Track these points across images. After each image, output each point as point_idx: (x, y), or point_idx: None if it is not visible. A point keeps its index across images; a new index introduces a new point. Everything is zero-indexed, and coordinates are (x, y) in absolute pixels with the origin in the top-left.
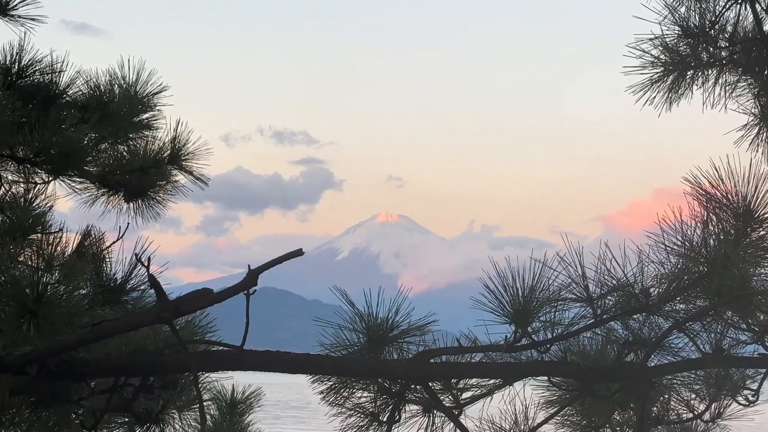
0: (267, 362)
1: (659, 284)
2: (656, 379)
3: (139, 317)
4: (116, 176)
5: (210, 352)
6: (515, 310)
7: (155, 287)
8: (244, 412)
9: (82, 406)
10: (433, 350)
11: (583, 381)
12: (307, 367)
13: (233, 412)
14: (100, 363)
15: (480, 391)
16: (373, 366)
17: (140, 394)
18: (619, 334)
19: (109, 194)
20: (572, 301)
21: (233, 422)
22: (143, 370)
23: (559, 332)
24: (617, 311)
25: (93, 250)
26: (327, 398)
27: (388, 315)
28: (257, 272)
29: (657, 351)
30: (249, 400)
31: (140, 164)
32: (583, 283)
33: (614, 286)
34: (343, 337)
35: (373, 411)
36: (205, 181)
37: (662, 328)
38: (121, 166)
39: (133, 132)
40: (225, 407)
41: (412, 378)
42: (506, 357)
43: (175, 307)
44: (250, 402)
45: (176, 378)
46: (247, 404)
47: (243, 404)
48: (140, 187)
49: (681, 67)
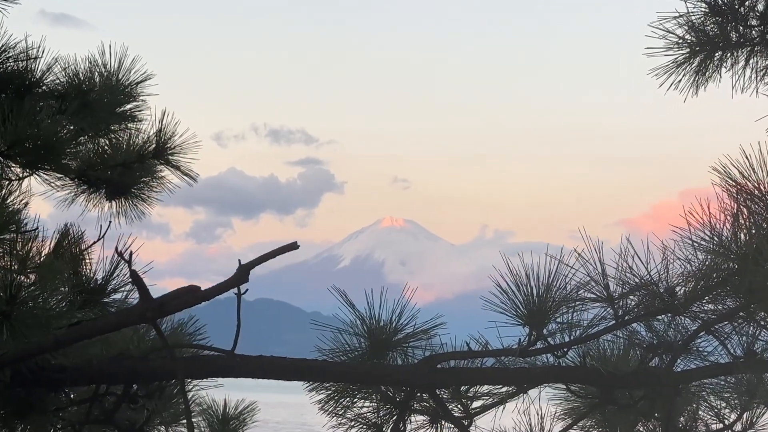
0: (260, 368)
1: (686, 282)
2: (683, 385)
3: (120, 316)
4: (97, 172)
5: (198, 357)
6: (529, 310)
7: (138, 284)
8: (236, 429)
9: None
10: (440, 355)
11: (604, 388)
12: (303, 373)
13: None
14: (78, 369)
15: (491, 400)
16: (375, 372)
17: (123, 403)
18: (643, 337)
19: (90, 192)
20: (591, 301)
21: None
22: (126, 377)
23: (578, 335)
24: (640, 312)
25: (72, 250)
26: (326, 408)
27: (391, 317)
28: (248, 267)
29: (684, 355)
30: (242, 416)
31: (123, 158)
32: (603, 282)
33: (637, 285)
34: (343, 342)
35: (375, 421)
36: (193, 177)
37: (689, 330)
38: (102, 161)
39: (115, 124)
40: (216, 423)
41: (418, 385)
42: (520, 362)
43: (159, 306)
44: (243, 417)
45: (162, 386)
46: (240, 420)
47: (236, 420)
48: (123, 184)
49: (708, 47)
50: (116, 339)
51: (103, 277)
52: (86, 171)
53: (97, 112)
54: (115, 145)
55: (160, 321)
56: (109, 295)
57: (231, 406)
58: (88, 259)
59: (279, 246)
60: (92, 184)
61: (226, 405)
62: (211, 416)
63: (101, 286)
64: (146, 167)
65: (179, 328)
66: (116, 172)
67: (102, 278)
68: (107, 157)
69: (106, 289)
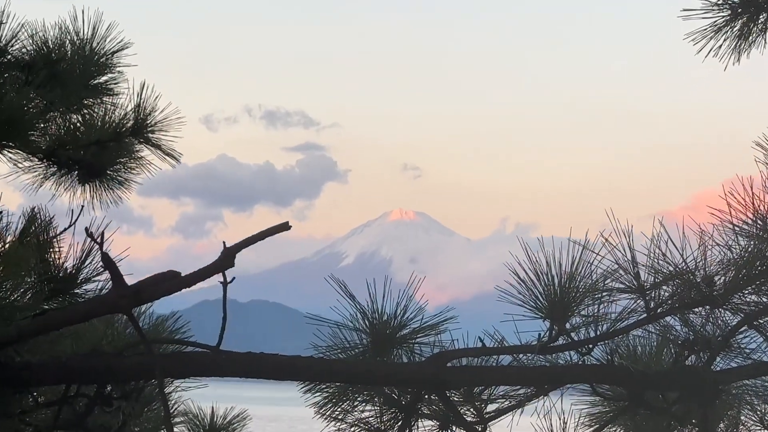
0: (248, 366)
1: (725, 271)
2: (723, 386)
3: (91, 305)
4: (68, 151)
5: (179, 353)
6: (550, 302)
7: (110, 269)
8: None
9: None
10: (450, 352)
11: (634, 389)
12: (297, 372)
13: None
14: (46, 367)
15: (508, 403)
16: (377, 371)
17: (96, 406)
18: (678, 332)
19: (60, 174)
20: (620, 292)
21: None
22: (99, 376)
23: (604, 329)
24: (675, 304)
25: (39, 236)
26: (323, 411)
27: (396, 311)
28: (234, 250)
29: (723, 352)
30: (232, 425)
31: (97, 136)
32: (633, 270)
33: (671, 274)
34: (342, 338)
35: (378, 427)
36: (176, 157)
37: (730, 325)
38: (74, 139)
39: (89, 97)
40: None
41: (425, 385)
42: (540, 360)
43: (134, 293)
44: (233, 428)
45: (140, 386)
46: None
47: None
48: (97, 165)
49: (752, 8)
50: (88, 333)
51: (74, 266)
52: (56, 150)
53: (69, 84)
54: (89, 122)
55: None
56: (80, 285)
57: (219, 414)
58: (57, 247)
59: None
60: (63, 165)
61: (214, 414)
62: (197, 426)
63: (71, 275)
64: (124, 146)
65: (159, 324)
66: (90, 151)
67: (72, 266)
68: (80, 134)
69: (77, 278)
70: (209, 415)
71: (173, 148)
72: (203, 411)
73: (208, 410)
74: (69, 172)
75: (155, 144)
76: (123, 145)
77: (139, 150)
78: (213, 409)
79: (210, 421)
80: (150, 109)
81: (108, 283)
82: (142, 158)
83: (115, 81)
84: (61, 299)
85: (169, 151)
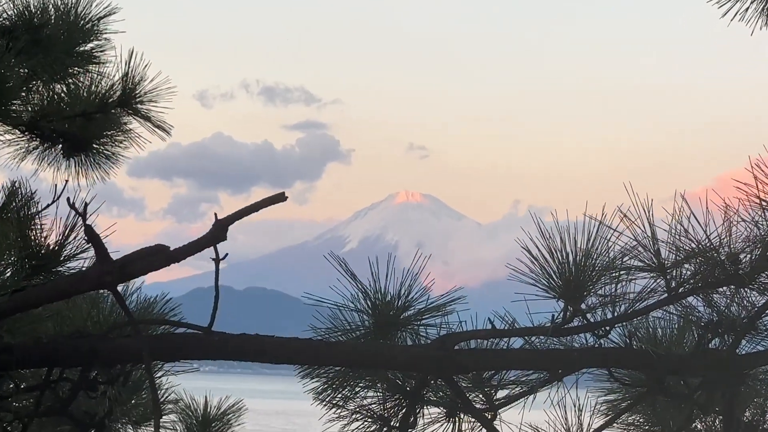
0: (242, 349)
1: (752, 248)
2: (749, 371)
3: (73, 281)
4: (52, 123)
5: (169, 335)
6: (564, 281)
7: (94, 243)
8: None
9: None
10: (458, 334)
11: (654, 374)
12: (294, 354)
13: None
14: (26, 349)
15: (520, 389)
16: (380, 354)
17: (80, 390)
18: (700, 313)
19: (44, 147)
20: (639, 270)
21: None
22: (83, 359)
23: (622, 310)
24: (697, 283)
25: (20, 212)
26: (322, 397)
27: (400, 291)
28: (226, 222)
29: (749, 335)
30: (227, 417)
31: (83, 108)
32: (653, 247)
33: (693, 251)
34: (343, 320)
35: (381, 414)
36: (166, 130)
37: (756, 305)
38: (59, 110)
39: (74, 66)
40: (196, 425)
41: (432, 370)
42: (553, 343)
43: (119, 268)
44: (228, 419)
45: (126, 370)
46: (224, 422)
47: (219, 422)
48: (83, 138)
49: None
50: (72, 314)
51: (57, 242)
52: (39, 122)
53: (52, 51)
54: (74, 92)
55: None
56: (63, 263)
57: (213, 405)
58: (40, 223)
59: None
60: (46, 138)
61: (208, 404)
62: (190, 417)
63: (54, 251)
64: (110, 118)
65: (148, 306)
66: (75, 123)
67: (55, 243)
68: (64, 105)
69: (59, 255)
70: (202, 405)
71: (163, 120)
72: (196, 401)
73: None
74: (53, 145)
75: (144, 116)
76: (110, 117)
77: (127, 122)
78: (206, 399)
79: (203, 411)
80: (139, 78)
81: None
82: (131, 131)
83: (101, 48)
84: (43, 277)
85: (159, 124)
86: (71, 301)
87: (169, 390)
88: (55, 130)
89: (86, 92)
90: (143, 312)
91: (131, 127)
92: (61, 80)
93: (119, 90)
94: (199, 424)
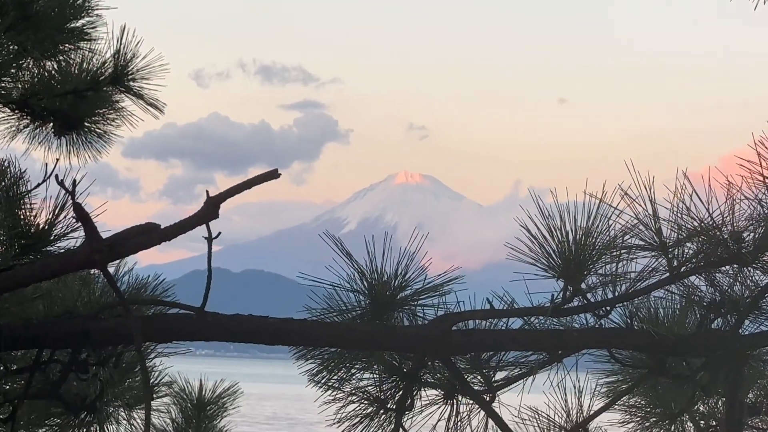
0: (236, 330)
1: (755, 227)
2: (752, 352)
3: (62, 260)
4: (43, 101)
5: (161, 315)
6: (564, 260)
7: (83, 221)
8: (215, 416)
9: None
10: (456, 314)
11: (655, 355)
12: (289, 335)
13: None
14: (15, 331)
15: (518, 370)
16: (376, 335)
17: (70, 372)
18: (703, 293)
19: (35, 125)
20: (640, 249)
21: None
22: (74, 340)
23: (623, 290)
24: (700, 262)
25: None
26: (317, 379)
27: (397, 270)
28: (217, 200)
29: (752, 315)
30: (222, 400)
31: (74, 85)
32: (655, 226)
33: (696, 230)
34: (339, 300)
35: (378, 396)
36: (160, 108)
37: (759, 285)
38: (50, 88)
39: (65, 43)
40: (190, 409)
41: (429, 351)
42: (553, 323)
43: (109, 247)
44: (223, 402)
45: (118, 351)
46: (219, 405)
47: (214, 405)
48: (74, 116)
49: None
50: (62, 294)
51: (47, 221)
52: (29, 100)
53: (42, 27)
54: (65, 69)
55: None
56: (53, 243)
57: (208, 388)
58: (29, 203)
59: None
60: (37, 116)
61: (203, 387)
62: (184, 400)
63: (44, 231)
64: (102, 96)
65: (140, 287)
66: (66, 101)
67: (45, 222)
68: (55, 83)
69: (49, 234)
70: (197, 389)
71: (156, 98)
72: (191, 384)
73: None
74: (43, 123)
75: (137, 93)
76: (102, 95)
77: (120, 100)
78: (201, 382)
79: (198, 394)
80: (131, 55)
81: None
82: (123, 109)
83: (92, 25)
84: (32, 257)
85: (152, 101)
86: (61, 281)
87: (162, 373)
88: (45, 108)
89: (77, 69)
90: (135, 293)
91: (123, 105)
92: (52, 57)
93: (111, 67)
94: (193, 407)
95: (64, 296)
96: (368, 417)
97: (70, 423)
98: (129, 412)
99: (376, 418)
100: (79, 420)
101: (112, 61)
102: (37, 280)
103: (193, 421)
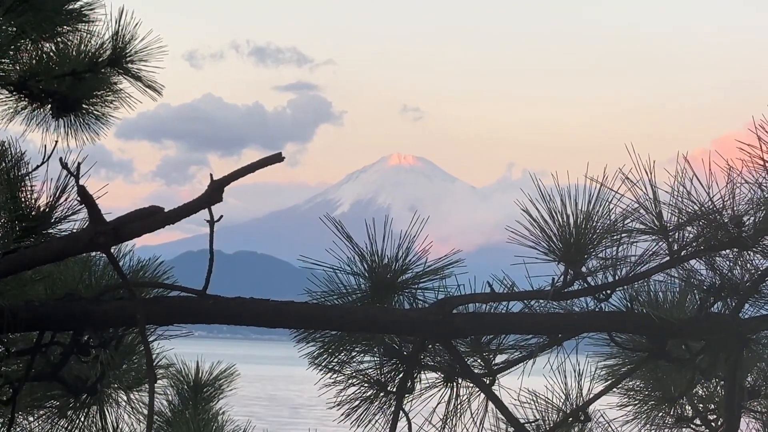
0: (237, 312)
1: (755, 210)
2: (752, 335)
3: (65, 242)
4: (41, 83)
5: (163, 298)
6: (565, 243)
7: (87, 203)
8: (212, 398)
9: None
10: (456, 297)
11: (655, 339)
12: (289, 318)
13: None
14: (16, 313)
15: (519, 354)
16: (377, 317)
17: (72, 355)
18: (703, 277)
19: (33, 107)
20: (640, 233)
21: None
22: (75, 322)
23: (623, 274)
24: (700, 246)
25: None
26: (318, 362)
27: (397, 253)
28: (222, 183)
29: (752, 298)
30: (218, 382)
31: (72, 67)
32: (656, 210)
33: (696, 213)
34: (339, 283)
35: (378, 379)
36: (157, 90)
37: (759, 269)
38: (48, 70)
39: (63, 24)
40: (187, 390)
41: (429, 334)
42: (553, 307)
43: (113, 230)
44: (219, 384)
45: (119, 334)
46: (215, 387)
47: (210, 387)
48: (72, 98)
49: None
50: (63, 276)
51: (48, 203)
52: (27, 81)
53: (41, 8)
54: (63, 51)
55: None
56: (54, 225)
57: (205, 370)
58: (30, 185)
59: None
60: (35, 98)
61: (199, 369)
62: (181, 382)
63: (45, 213)
64: (100, 78)
65: (140, 269)
66: (64, 83)
67: (46, 204)
68: (53, 64)
69: (50, 217)
70: (194, 371)
71: (154, 80)
72: (187, 366)
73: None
74: (42, 105)
75: (135, 75)
76: (100, 77)
77: (118, 82)
78: (198, 364)
79: (195, 376)
80: (129, 37)
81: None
82: (121, 91)
83: (90, 6)
84: (33, 239)
85: (150, 83)
86: (63, 263)
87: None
88: (43, 89)
89: (75, 51)
90: (135, 275)
91: (121, 87)
92: (50, 39)
93: (109, 49)
94: (190, 389)
95: (66, 279)
96: (368, 400)
97: (69, 405)
98: (128, 394)
99: (376, 400)
100: (80, 402)
101: (111, 42)
102: (41, 262)
103: (190, 403)
